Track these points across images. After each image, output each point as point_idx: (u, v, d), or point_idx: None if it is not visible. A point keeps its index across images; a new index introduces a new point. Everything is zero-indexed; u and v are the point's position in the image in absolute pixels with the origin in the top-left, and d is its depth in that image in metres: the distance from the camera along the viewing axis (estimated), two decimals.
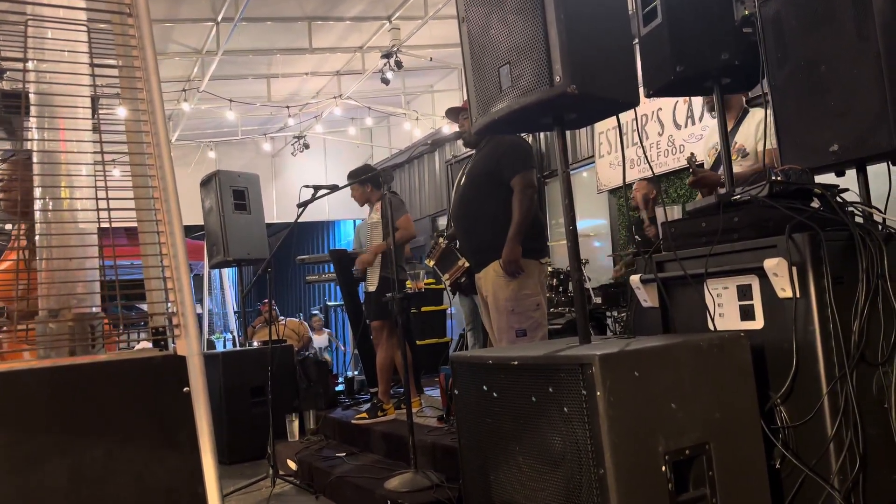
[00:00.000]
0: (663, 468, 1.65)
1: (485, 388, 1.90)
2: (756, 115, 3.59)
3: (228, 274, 12.71)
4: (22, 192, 1.61)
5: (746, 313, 2.04)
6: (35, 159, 1.61)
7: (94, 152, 1.55)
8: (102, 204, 1.45)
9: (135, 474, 1.26)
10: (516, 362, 1.84)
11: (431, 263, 3.65)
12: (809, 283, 1.87)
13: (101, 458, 1.24)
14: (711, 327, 2.10)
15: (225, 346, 11.33)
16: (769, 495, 1.85)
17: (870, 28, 2.09)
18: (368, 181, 4.64)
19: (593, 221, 7.71)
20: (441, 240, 3.68)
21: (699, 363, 1.77)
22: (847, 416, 1.82)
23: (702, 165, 3.56)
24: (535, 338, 3.25)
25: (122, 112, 1.55)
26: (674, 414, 1.69)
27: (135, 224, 1.49)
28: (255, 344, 6.67)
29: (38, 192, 1.59)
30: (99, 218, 1.47)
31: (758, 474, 1.84)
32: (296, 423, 4.98)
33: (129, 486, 1.26)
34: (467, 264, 3.48)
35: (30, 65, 1.59)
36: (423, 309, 6.81)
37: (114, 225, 1.45)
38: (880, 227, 2.10)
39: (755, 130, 3.53)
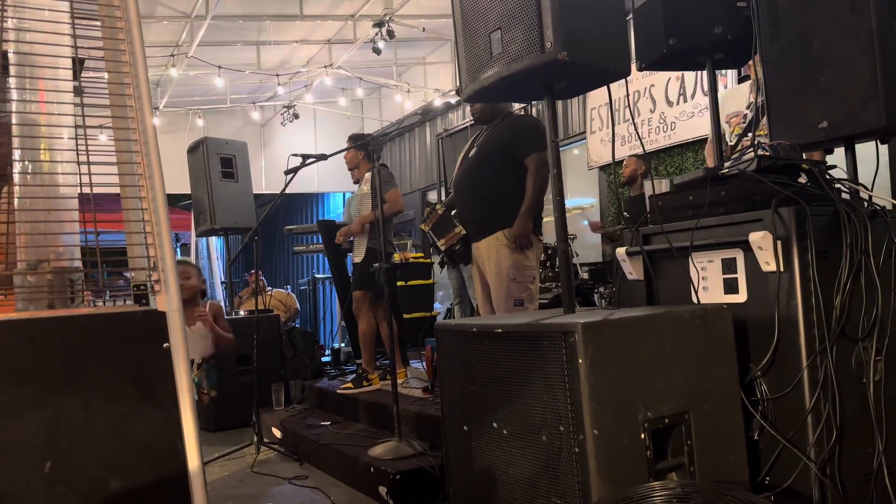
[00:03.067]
0: (642, 436, 1.66)
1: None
2: None
3: (215, 244, 12.64)
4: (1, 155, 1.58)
5: (730, 286, 2.05)
6: (14, 121, 1.58)
7: (76, 115, 1.51)
8: (84, 162, 1.43)
9: (113, 428, 1.26)
10: (500, 330, 1.84)
11: (427, 229, 3.65)
12: (794, 257, 1.88)
13: (79, 411, 1.24)
14: (695, 300, 2.12)
15: None
16: (746, 465, 1.88)
17: (863, 3, 2.08)
18: (362, 148, 4.65)
19: (583, 199, 7.71)
20: (438, 206, 3.68)
21: (681, 334, 1.79)
22: (826, 389, 1.84)
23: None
24: (529, 309, 3.32)
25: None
26: (654, 383, 1.71)
27: (117, 190, 1.47)
28: (242, 313, 6.65)
29: (17, 154, 1.56)
30: (80, 180, 1.45)
31: (736, 444, 1.87)
32: (281, 392, 4.99)
33: (107, 439, 1.25)
34: (464, 232, 3.49)
35: (9, 23, 1.55)
36: (410, 283, 6.80)
37: (95, 186, 1.43)
38: (866, 204, 2.11)
39: None
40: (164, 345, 1.29)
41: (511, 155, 3.37)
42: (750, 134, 3.60)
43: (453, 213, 3.67)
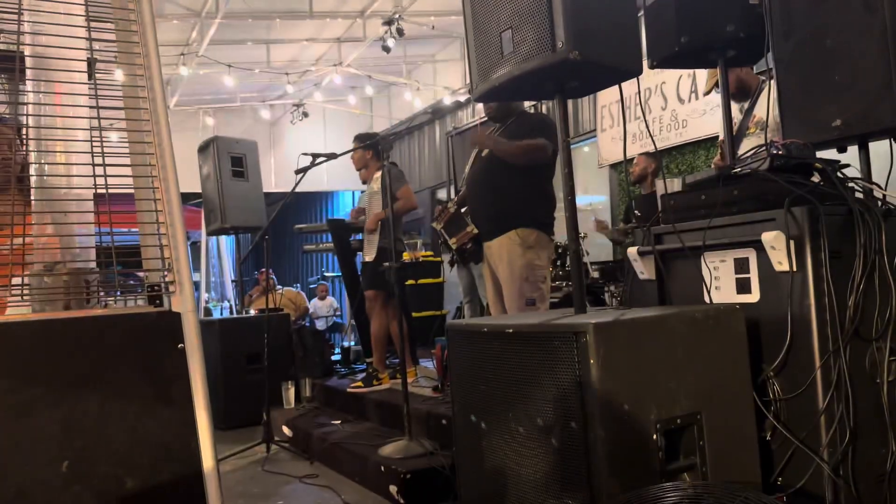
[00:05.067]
0: (654, 437, 1.66)
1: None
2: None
3: (226, 242, 12.69)
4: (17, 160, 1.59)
5: (743, 286, 2.04)
6: (30, 122, 1.59)
7: (91, 117, 1.52)
8: (98, 163, 1.44)
9: (128, 427, 1.27)
10: (511, 330, 1.84)
11: (439, 227, 3.64)
12: (807, 256, 1.87)
13: (95, 410, 1.25)
14: (707, 300, 2.11)
15: (222, 314, 11.36)
16: (759, 466, 1.87)
17: (878, 1, 2.06)
18: (371, 147, 4.64)
19: (594, 197, 7.69)
20: (450, 204, 3.67)
21: (693, 334, 1.78)
22: (839, 390, 1.83)
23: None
24: (540, 309, 3.32)
25: (118, 75, 1.52)
26: (666, 383, 1.70)
27: (131, 190, 1.48)
28: (252, 312, 6.68)
29: (33, 156, 1.57)
30: (95, 180, 1.46)
31: (748, 445, 1.86)
32: (291, 391, 5.01)
33: (122, 437, 1.27)
34: (476, 230, 3.48)
35: (25, 26, 1.56)
36: (421, 281, 6.81)
37: (110, 186, 1.44)
38: (880, 203, 2.10)
39: (774, 103, 3.47)
40: (179, 345, 1.30)
41: None
42: (744, 138, 3.58)
43: (463, 210, 3.66)
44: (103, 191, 1.41)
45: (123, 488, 1.26)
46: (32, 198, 1.49)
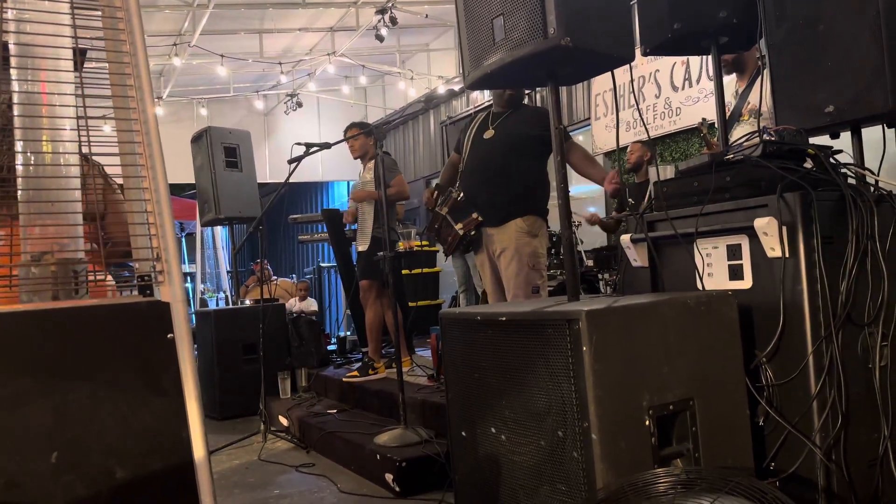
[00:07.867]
0: (647, 422, 1.67)
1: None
2: None
3: (221, 234, 12.67)
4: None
5: (735, 273, 2.04)
6: (16, 112, 1.58)
7: (78, 106, 1.51)
8: (85, 152, 1.43)
9: (119, 417, 1.27)
10: (504, 318, 1.84)
11: (444, 211, 3.61)
12: (799, 242, 1.87)
13: (86, 401, 1.25)
14: (700, 287, 2.11)
15: (218, 305, 11.36)
16: (751, 451, 1.88)
17: None
18: (373, 134, 4.62)
19: (587, 186, 7.68)
20: (454, 192, 3.65)
21: (686, 320, 1.78)
22: (831, 375, 1.84)
23: (713, 125, 3.51)
24: (542, 295, 3.36)
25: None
26: (659, 369, 1.71)
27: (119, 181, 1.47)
28: (248, 302, 6.68)
29: (19, 145, 1.56)
30: (82, 170, 1.45)
31: (741, 430, 1.87)
32: (287, 381, 5.02)
33: (114, 427, 1.27)
34: (481, 218, 3.47)
35: (9, 14, 1.54)
36: (415, 271, 6.81)
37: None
38: (872, 189, 2.10)
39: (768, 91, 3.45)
40: (169, 335, 1.30)
41: (536, 143, 3.36)
42: (736, 124, 3.58)
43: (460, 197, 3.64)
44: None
45: (114, 478, 1.26)
46: (19, 188, 1.48)
